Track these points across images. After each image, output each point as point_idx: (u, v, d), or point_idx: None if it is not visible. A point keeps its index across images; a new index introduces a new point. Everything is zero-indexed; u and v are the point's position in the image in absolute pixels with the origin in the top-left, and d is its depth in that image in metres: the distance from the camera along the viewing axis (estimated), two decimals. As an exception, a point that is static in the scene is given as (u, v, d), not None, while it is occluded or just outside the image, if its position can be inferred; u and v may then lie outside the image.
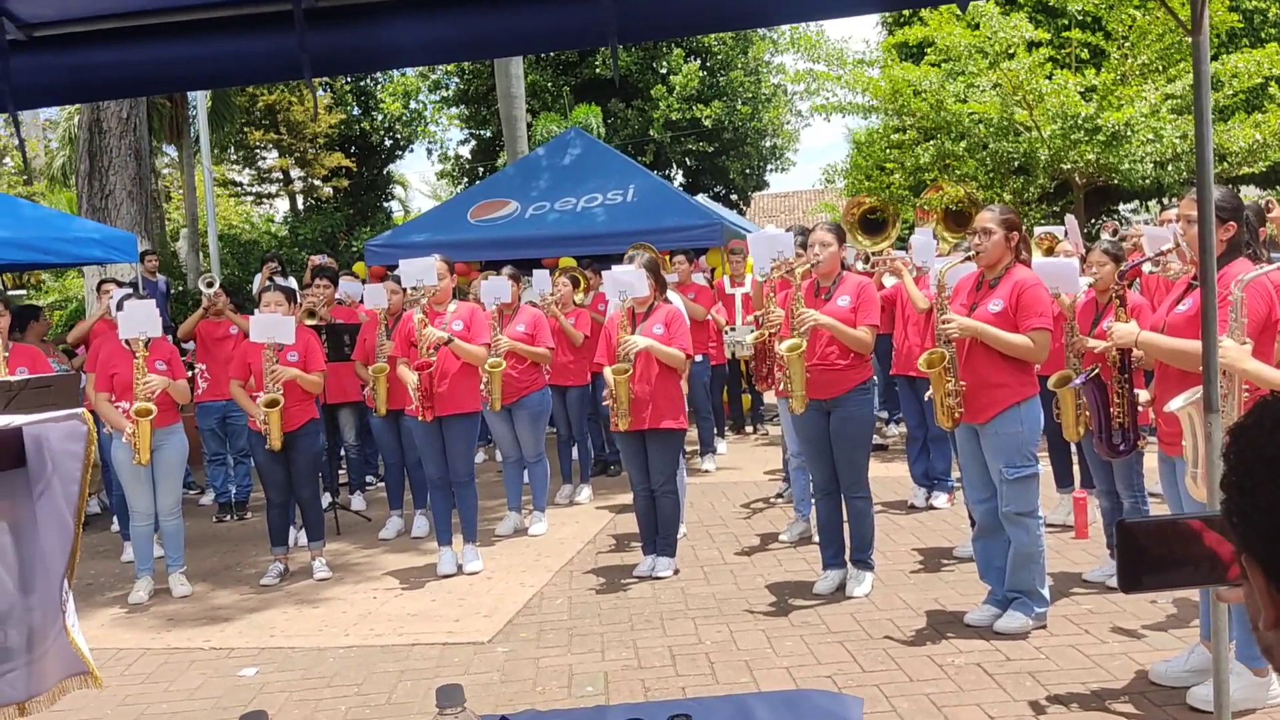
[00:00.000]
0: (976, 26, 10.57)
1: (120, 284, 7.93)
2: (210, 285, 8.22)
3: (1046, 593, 4.75)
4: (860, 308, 5.27)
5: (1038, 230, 7.62)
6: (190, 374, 7.59)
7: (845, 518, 5.51)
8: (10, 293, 14.63)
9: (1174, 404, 3.26)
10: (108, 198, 11.10)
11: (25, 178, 27.60)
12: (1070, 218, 6.77)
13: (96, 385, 6.18)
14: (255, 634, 5.45)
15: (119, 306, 6.27)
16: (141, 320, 6.02)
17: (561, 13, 2.82)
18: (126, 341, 6.07)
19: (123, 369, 6.08)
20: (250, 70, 3.03)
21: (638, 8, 2.81)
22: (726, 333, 9.34)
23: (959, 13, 10.47)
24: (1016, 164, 10.82)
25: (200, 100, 15.39)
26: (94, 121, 11.14)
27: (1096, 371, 4.52)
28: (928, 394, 4.87)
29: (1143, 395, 4.23)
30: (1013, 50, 10.27)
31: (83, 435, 3.34)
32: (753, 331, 9.04)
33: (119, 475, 6.33)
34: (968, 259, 4.89)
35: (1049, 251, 6.65)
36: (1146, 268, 4.72)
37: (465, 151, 27.70)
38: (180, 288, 13.04)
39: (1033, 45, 10.43)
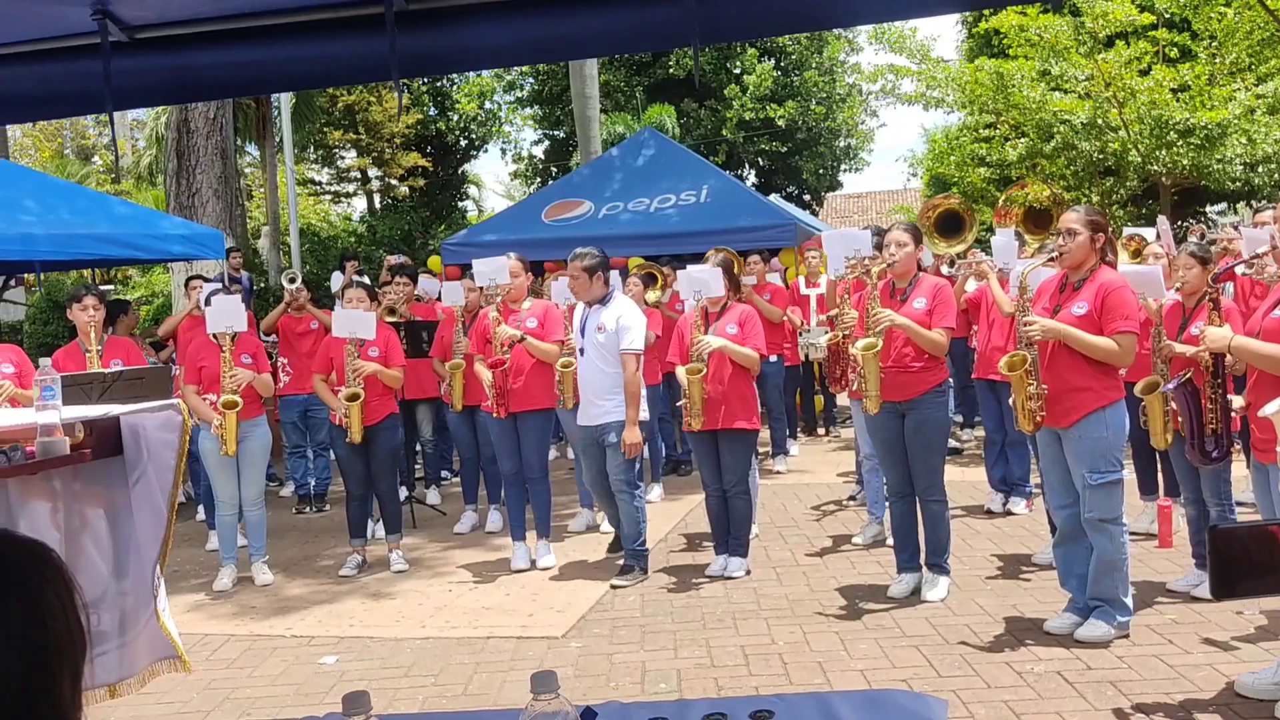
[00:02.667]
0: (1077, 12, 10.31)
1: (207, 280, 8.15)
2: (293, 281, 8.41)
3: (1130, 601, 4.66)
4: (936, 310, 5.21)
5: (1126, 231, 7.46)
6: (272, 368, 7.76)
7: (920, 521, 5.46)
8: (99, 288, 15.05)
9: (1269, 409, 3.17)
10: (194, 196, 11.40)
11: (114, 176, 28.46)
12: (1162, 219, 6.62)
13: (185, 378, 6.36)
14: (334, 623, 5.56)
15: (207, 302, 6.43)
16: (228, 315, 6.18)
17: (644, 13, 2.84)
18: (214, 336, 6.24)
19: (210, 362, 6.25)
20: (342, 72, 3.09)
21: (721, 8, 2.81)
22: (801, 334, 9.29)
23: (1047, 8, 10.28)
24: (1106, 165, 10.59)
25: (284, 101, 15.72)
26: (182, 122, 11.45)
27: (1189, 376, 4.41)
28: (1010, 397, 4.81)
29: (1236, 401, 4.13)
30: (1110, 39, 10.01)
31: (178, 425, 3.44)
32: (826, 333, 9.01)
33: (206, 465, 6.50)
34: (1050, 260, 4.81)
35: (1136, 253, 6.51)
36: (1240, 270, 4.59)
37: (539, 151, 27.90)
38: (262, 284, 13.34)
39: (1129, 36, 10.16)
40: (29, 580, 1.13)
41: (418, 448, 8.65)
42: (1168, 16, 11.19)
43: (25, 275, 13.10)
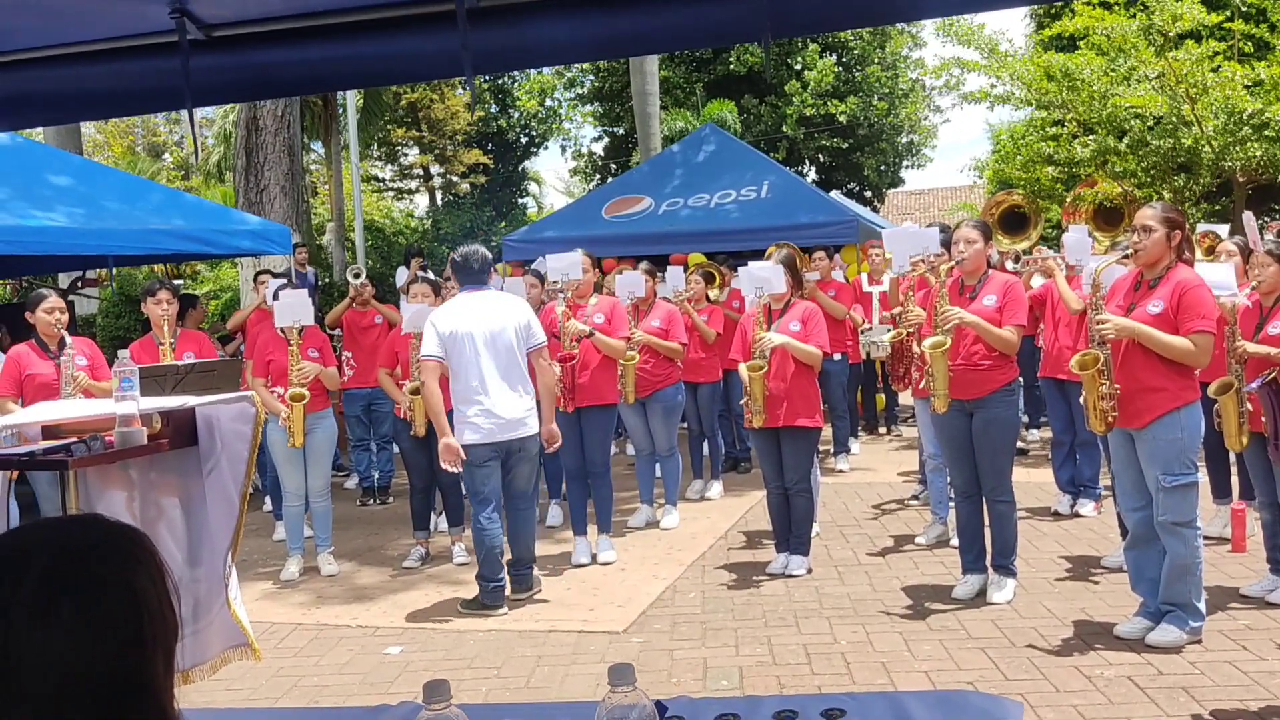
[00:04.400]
0: (1146, 8, 10.11)
1: (275, 275, 8.28)
2: (358, 276, 8.52)
3: (1202, 606, 4.55)
4: (1006, 307, 5.14)
5: (1200, 228, 7.29)
6: (336, 362, 7.87)
7: (986, 522, 5.38)
8: (173, 282, 15.38)
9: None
10: (262, 192, 11.58)
11: (184, 173, 29.07)
12: (1248, 215, 6.45)
13: (254, 371, 6.47)
14: (399, 614, 5.62)
15: (275, 296, 6.54)
16: (296, 310, 6.28)
17: (714, 8, 2.82)
18: (282, 330, 6.34)
19: (278, 356, 6.35)
20: (414, 69, 3.11)
21: (791, 3, 2.78)
22: (863, 331, 9.21)
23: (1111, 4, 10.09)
24: (1179, 161, 10.36)
25: (350, 99, 15.94)
26: (251, 119, 11.64)
27: (1273, 376, 4.30)
28: (1081, 396, 4.72)
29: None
30: (1179, 39, 9.82)
31: (251, 417, 3.51)
32: (889, 330, 8.93)
33: (274, 457, 6.61)
34: (1125, 258, 4.71)
35: (1210, 250, 6.36)
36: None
37: (598, 148, 28.02)
38: (327, 279, 13.54)
39: (1199, 36, 9.96)
40: (123, 564, 1.15)
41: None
42: (1244, 10, 10.92)
43: (99, 270, 13.43)
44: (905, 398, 11.16)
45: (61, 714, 1.07)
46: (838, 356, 8.64)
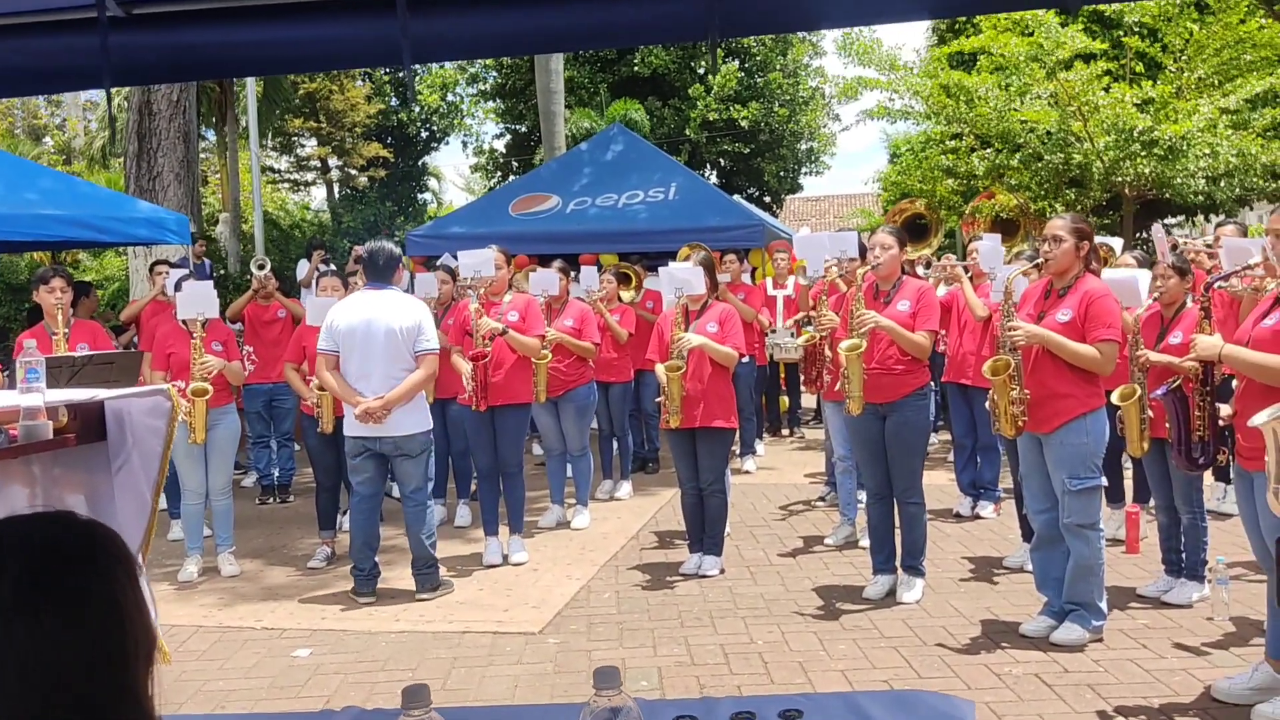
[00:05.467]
0: (1031, 34, 10.51)
1: (173, 265, 7.99)
2: (262, 268, 8.28)
3: (1104, 606, 4.72)
4: (920, 313, 5.25)
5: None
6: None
7: (897, 523, 5.49)
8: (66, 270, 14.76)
9: (1258, 419, 3.22)
10: (155, 179, 11.18)
11: (65, 156, 27.88)
12: (1157, 227, 6.72)
13: (153, 364, 6.22)
14: (306, 616, 5.48)
15: (177, 287, 6.31)
16: (200, 301, 6.07)
17: (663, 5, 2.81)
18: (184, 322, 6.13)
19: (180, 349, 6.13)
20: (350, 54, 3.03)
21: (740, 3, 2.79)
22: (768, 334, 9.32)
23: (1013, 21, 10.41)
24: (1070, 176, 10.75)
25: (251, 86, 15.48)
26: (144, 103, 11.22)
27: (1178, 384, 4.48)
28: (988, 401, 4.84)
29: (1224, 409, 4.19)
30: (1069, 61, 10.20)
31: (165, 412, 3.37)
32: (792, 334, 9.05)
33: (173, 453, 6.36)
34: (1034, 267, 4.86)
35: (1104, 262, 6.60)
36: (1235, 282, 4.67)
37: (500, 145, 27.80)
38: (222, 270, 13.13)
39: (1089, 58, 10.37)
40: (102, 566, 1.09)
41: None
42: (1137, 29, 11.38)
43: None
44: (807, 400, 11.35)
45: (43, 717, 1.00)
46: (745, 359, 8.71)
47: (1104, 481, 4.70)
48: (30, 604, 1.01)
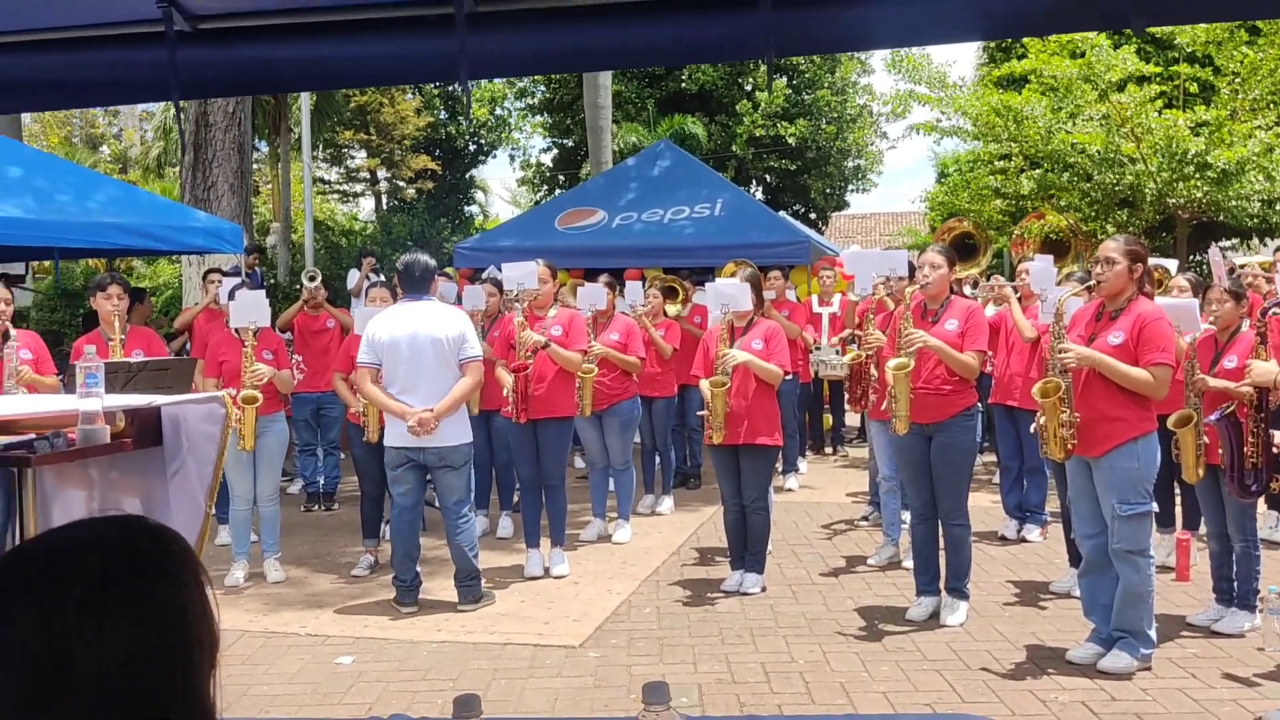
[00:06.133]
0: (1081, 55, 10.42)
1: (225, 274, 8.12)
2: (313, 279, 8.39)
3: (1153, 634, 4.65)
4: (968, 332, 5.21)
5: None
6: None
7: (941, 544, 5.45)
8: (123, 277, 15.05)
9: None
10: (210, 189, 11.36)
11: (121, 165, 28.44)
12: (1214, 250, 6.63)
13: (205, 371, 6.33)
14: (349, 623, 5.53)
15: (230, 296, 6.41)
16: (252, 310, 6.16)
17: (718, 25, 2.83)
18: (236, 330, 6.22)
19: (231, 357, 6.22)
20: (408, 71, 3.08)
21: (795, 23, 2.80)
22: (813, 352, 9.29)
23: (1062, 44, 10.34)
24: (1121, 197, 10.63)
25: (304, 99, 15.71)
26: (201, 114, 11.41)
27: (1232, 409, 4.42)
28: (1033, 425, 4.80)
29: (1277, 436, 4.13)
30: (1121, 83, 10.11)
31: (220, 418, 3.44)
32: (837, 352, 9.02)
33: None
34: (1086, 289, 4.81)
35: (1158, 285, 6.52)
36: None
37: (547, 159, 27.96)
38: (272, 280, 13.31)
39: (1142, 80, 10.26)
40: (170, 570, 1.11)
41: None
42: (1189, 52, 11.25)
43: (35, 262, 13.07)
44: (851, 418, 11.29)
45: (109, 718, 1.03)
46: (790, 376, 8.68)
47: (1154, 507, 4.64)
48: (101, 606, 1.03)
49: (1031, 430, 4.88)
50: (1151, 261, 7.57)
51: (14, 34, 2.99)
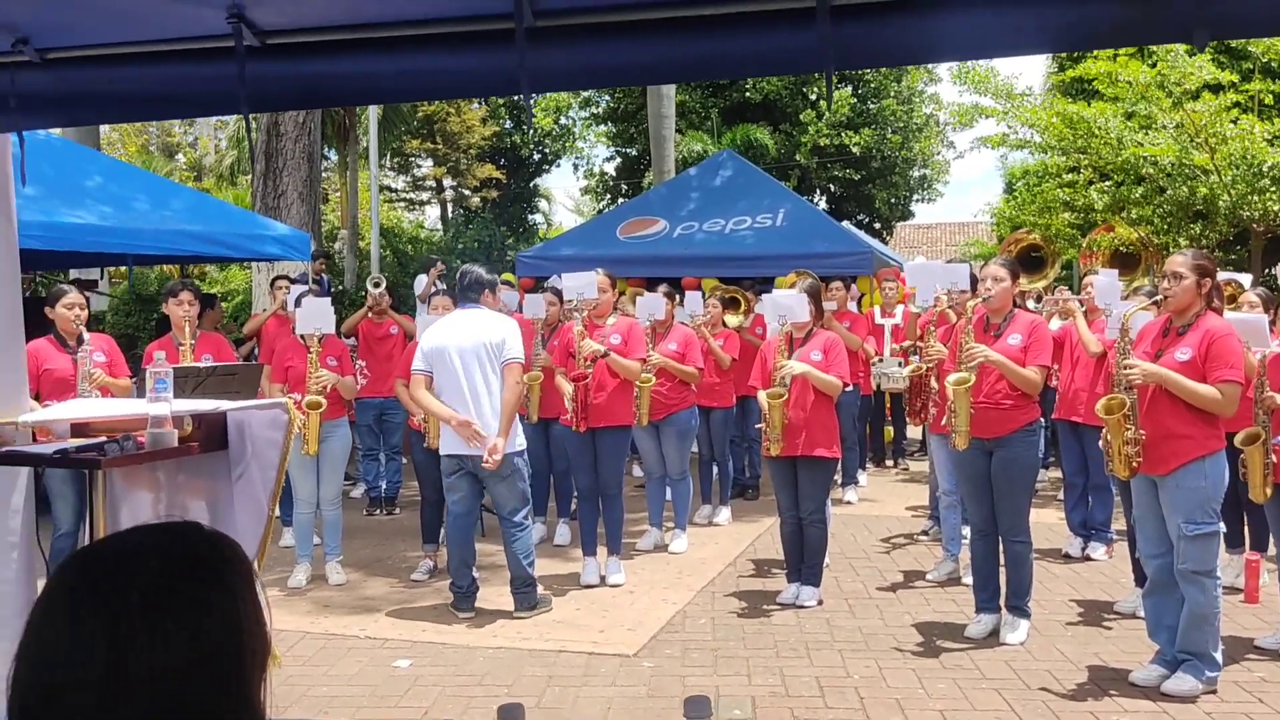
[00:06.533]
0: (1155, 64, 10.22)
1: (293, 280, 8.28)
2: (378, 285, 8.52)
3: (1219, 656, 4.53)
4: (1031, 347, 5.14)
5: (1220, 276, 7.30)
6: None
7: (1001, 561, 5.37)
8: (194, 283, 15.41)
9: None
10: (280, 197, 11.60)
11: (196, 174, 29.13)
12: (1287, 264, 6.47)
13: (271, 376, 6.46)
14: (407, 627, 5.60)
15: (297, 303, 6.54)
16: (317, 317, 6.28)
17: (775, 37, 2.83)
18: (302, 337, 6.35)
19: (297, 362, 6.35)
20: (470, 85, 3.14)
21: (854, 36, 2.79)
22: (874, 363, 9.22)
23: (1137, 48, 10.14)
24: (1195, 209, 10.39)
25: (372, 109, 15.98)
26: (272, 124, 11.66)
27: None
28: (1100, 441, 4.72)
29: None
30: (1196, 91, 9.89)
31: (283, 424, 3.50)
32: (899, 363, 8.93)
33: (287, 463, 6.58)
34: (1154, 304, 4.72)
35: (1231, 299, 6.37)
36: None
37: (610, 168, 28.08)
38: (339, 286, 13.54)
39: (1217, 88, 10.03)
40: (225, 575, 1.15)
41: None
42: (1265, 62, 10.98)
43: (110, 268, 13.44)
44: (912, 431, 11.16)
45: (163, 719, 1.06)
46: (850, 387, 8.62)
47: (1222, 527, 4.53)
48: (155, 612, 1.07)
49: (1099, 445, 4.80)
50: (1224, 275, 7.42)
51: (93, 48, 3.09)
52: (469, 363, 5.59)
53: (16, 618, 3.39)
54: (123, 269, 13.80)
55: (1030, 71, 52.93)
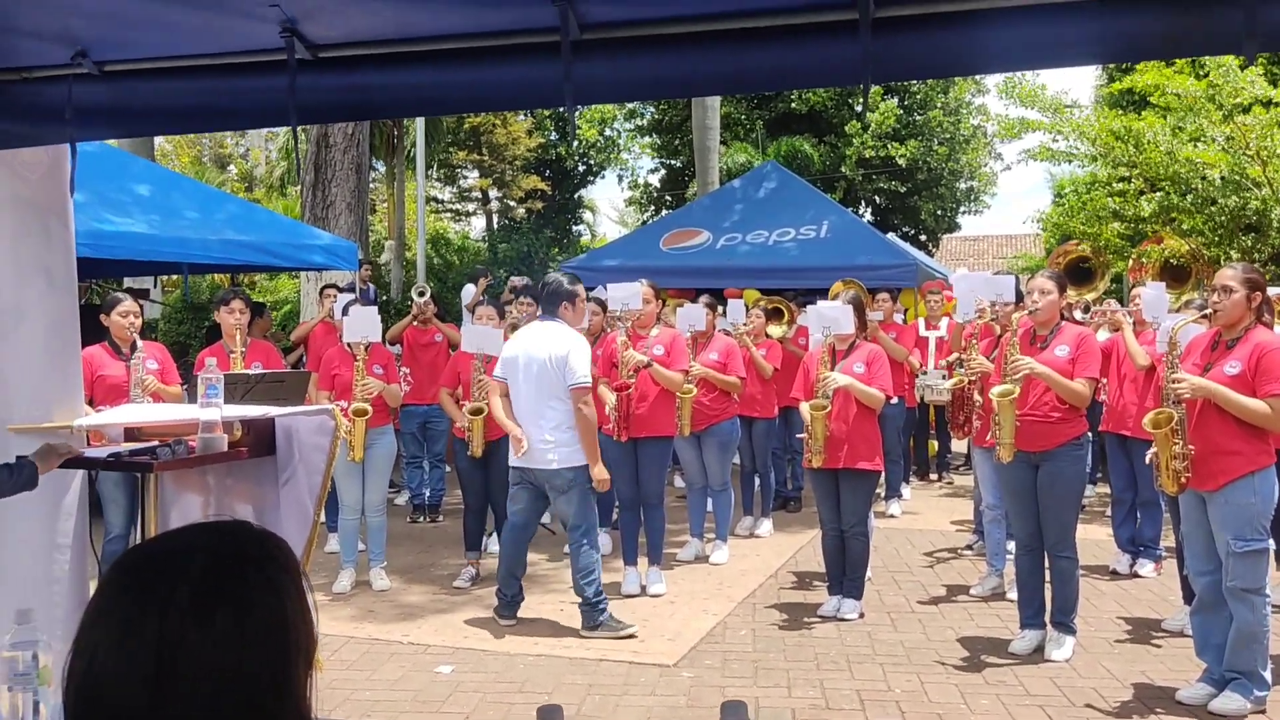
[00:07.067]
0: (1205, 75, 10.08)
1: (341, 289, 8.39)
2: (422, 294, 8.61)
3: (1268, 675, 4.45)
4: (1079, 359, 5.09)
5: (1272, 291, 7.17)
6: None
7: (1047, 577, 5.31)
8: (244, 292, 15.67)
9: None
10: (329, 208, 11.77)
11: (247, 184, 29.60)
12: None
13: (318, 384, 6.55)
14: (450, 633, 5.64)
15: (344, 312, 6.63)
16: (364, 326, 6.36)
17: (816, 50, 2.84)
18: (348, 345, 6.43)
19: (344, 370, 6.43)
20: (516, 97, 3.18)
21: (895, 48, 2.80)
22: (919, 376, 9.16)
23: (1186, 60, 10.01)
24: (1246, 222, 10.22)
25: (420, 121, 16.17)
26: (322, 135, 11.84)
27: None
28: (1148, 456, 4.66)
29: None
30: (1247, 106, 9.73)
31: (330, 431, 3.56)
32: (944, 376, 8.87)
33: (332, 469, 6.67)
34: (1203, 317, 4.66)
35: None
36: None
37: (654, 179, 28.14)
38: (385, 296, 13.69)
39: (1269, 104, 9.87)
40: (273, 572, 1.18)
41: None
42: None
43: (163, 277, 13.69)
44: (957, 444, 11.06)
45: (212, 717, 1.09)
46: (894, 400, 8.57)
47: (1272, 544, 4.45)
48: (205, 608, 1.10)
49: (1147, 460, 4.74)
50: (1276, 290, 7.29)
51: (149, 61, 3.17)
52: (530, 376, 5.56)
53: (69, 618, 3.48)
54: (174, 278, 14.07)
55: (1079, 85, 52.34)
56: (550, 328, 5.68)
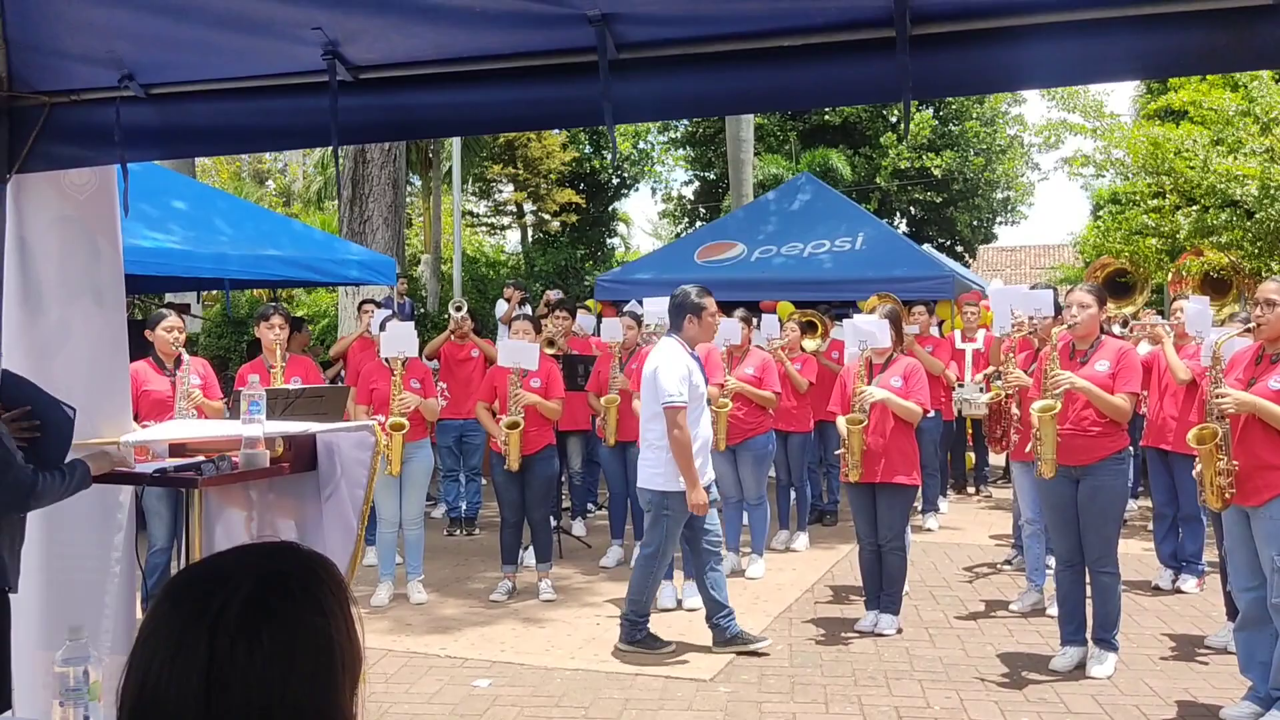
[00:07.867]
0: (1238, 88, 9.97)
1: (379, 304, 8.47)
2: (459, 309, 8.67)
3: (1316, 696, 4.38)
4: (1120, 374, 5.04)
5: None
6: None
7: (1088, 593, 5.26)
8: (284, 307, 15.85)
9: None
10: (365, 223, 11.89)
11: (285, 199, 29.96)
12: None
13: (357, 399, 6.60)
14: (487, 647, 5.66)
15: (381, 327, 6.69)
16: (401, 341, 6.41)
17: (854, 67, 2.85)
18: (386, 360, 6.48)
19: (381, 385, 6.48)
20: (554, 116, 3.21)
21: (933, 65, 2.80)
22: (956, 389, 9.10)
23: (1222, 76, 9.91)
24: (1287, 234, 10.10)
25: (456, 138, 16.30)
26: (359, 152, 11.97)
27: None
28: (1195, 470, 4.60)
29: None
30: (1282, 119, 9.64)
31: (371, 446, 3.59)
32: (981, 389, 8.81)
33: (370, 484, 6.72)
34: (1246, 331, 4.61)
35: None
36: None
37: (688, 192, 28.17)
38: (421, 310, 13.79)
39: None
40: (320, 593, 1.20)
41: (565, 479, 8.78)
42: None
43: (205, 292, 13.87)
44: (995, 458, 10.97)
45: None
46: (931, 413, 8.52)
47: (1320, 562, 4.38)
48: (253, 627, 1.12)
49: (1194, 474, 4.68)
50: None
51: (194, 83, 3.23)
52: (643, 391, 5.63)
53: (118, 630, 3.54)
54: (215, 292, 14.25)
55: (1118, 94, 51.87)
56: (663, 344, 5.66)
